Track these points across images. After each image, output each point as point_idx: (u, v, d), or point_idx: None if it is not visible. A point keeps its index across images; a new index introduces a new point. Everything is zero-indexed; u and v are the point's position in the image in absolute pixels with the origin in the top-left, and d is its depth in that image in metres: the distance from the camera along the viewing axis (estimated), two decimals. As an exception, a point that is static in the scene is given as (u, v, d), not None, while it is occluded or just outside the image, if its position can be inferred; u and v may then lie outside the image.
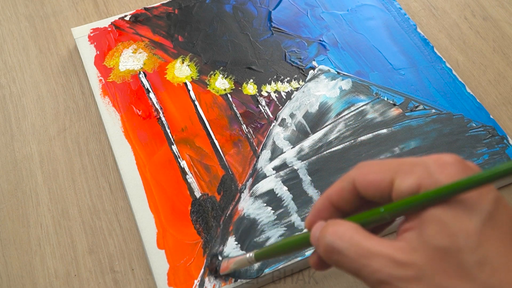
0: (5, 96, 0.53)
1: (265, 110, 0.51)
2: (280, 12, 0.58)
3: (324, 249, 0.28)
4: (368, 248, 0.26)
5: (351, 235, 0.27)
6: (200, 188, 0.46)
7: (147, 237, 0.43)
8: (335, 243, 0.27)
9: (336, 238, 0.27)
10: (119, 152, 0.47)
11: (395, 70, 0.53)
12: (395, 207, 0.27)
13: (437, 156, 0.27)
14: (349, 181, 0.29)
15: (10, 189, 0.47)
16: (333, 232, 0.28)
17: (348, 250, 0.27)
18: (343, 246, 0.27)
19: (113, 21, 0.56)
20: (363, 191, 0.28)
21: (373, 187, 0.28)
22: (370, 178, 0.28)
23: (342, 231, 0.28)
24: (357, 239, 0.27)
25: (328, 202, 0.30)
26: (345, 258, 0.27)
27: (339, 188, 0.30)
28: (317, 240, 0.29)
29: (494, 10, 0.60)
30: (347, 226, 0.28)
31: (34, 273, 0.43)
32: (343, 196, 0.29)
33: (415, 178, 0.26)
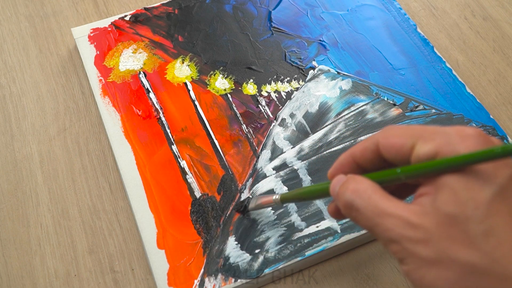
0: (5, 96, 0.53)
1: (265, 110, 0.51)
2: (280, 12, 0.58)
3: (343, 205, 0.30)
4: (383, 208, 0.28)
5: (370, 195, 0.28)
6: (200, 188, 0.46)
7: (147, 237, 0.43)
8: (355, 201, 0.29)
9: (356, 196, 0.29)
10: (119, 152, 0.47)
11: (395, 70, 0.53)
12: (411, 169, 0.28)
13: (460, 128, 0.28)
14: (373, 142, 0.30)
15: (10, 189, 0.47)
16: (353, 189, 0.29)
17: (365, 208, 0.28)
18: (361, 204, 0.28)
19: (113, 21, 0.56)
20: (385, 153, 0.30)
21: (394, 150, 0.29)
22: (393, 141, 0.29)
23: (362, 189, 0.29)
24: (374, 199, 0.28)
25: (351, 158, 0.32)
26: (362, 215, 0.28)
27: (363, 147, 0.31)
28: (337, 195, 0.30)
29: (494, 10, 0.60)
30: (366, 185, 0.29)
31: (34, 273, 0.43)
32: (366, 155, 0.31)
33: (435, 145, 0.27)
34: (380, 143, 0.30)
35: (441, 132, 0.28)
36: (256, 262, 0.42)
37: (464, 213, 0.25)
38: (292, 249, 0.42)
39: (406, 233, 0.27)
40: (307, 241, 0.43)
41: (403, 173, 0.29)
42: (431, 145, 0.27)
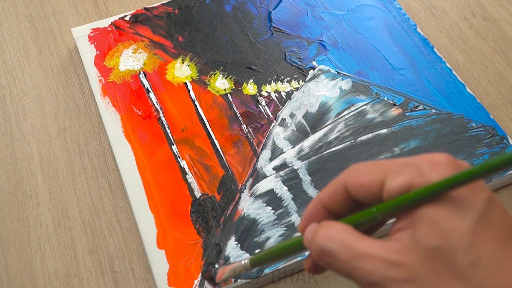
0: (5, 96, 0.53)
1: (265, 110, 0.51)
2: (280, 12, 0.58)
3: (316, 252, 0.28)
4: (360, 250, 0.26)
5: (343, 237, 0.27)
6: (200, 188, 0.46)
7: (147, 237, 0.43)
8: (327, 246, 0.27)
9: (328, 240, 0.27)
10: (119, 152, 0.47)
11: (395, 70, 0.53)
12: (386, 206, 0.27)
13: (428, 156, 0.27)
14: (341, 184, 0.29)
15: (10, 189, 0.47)
16: (324, 234, 0.28)
17: (339, 252, 0.27)
18: (335, 248, 0.27)
19: (113, 21, 0.56)
20: (354, 193, 0.28)
21: (364, 189, 0.28)
22: (360, 180, 0.28)
23: (333, 233, 0.27)
24: (348, 241, 0.27)
25: (320, 206, 0.30)
26: (337, 261, 0.27)
27: (331, 191, 0.29)
28: (310, 243, 0.29)
29: (494, 10, 0.60)
30: (338, 228, 0.28)
31: (34, 273, 0.43)
32: (335, 199, 0.29)
33: (406, 178, 0.26)
34: (347, 183, 0.28)
35: (410, 164, 0.27)
36: (256, 262, 0.42)
37: (448, 245, 0.24)
38: (292, 249, 0.42)
39: (389, 274, 0.25)
40: (307, 241, 0.43)
41: (379, 212, 0.27)
42: (402, 178, 0.26)
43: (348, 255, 0.26)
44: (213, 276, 0.41)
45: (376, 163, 0.28)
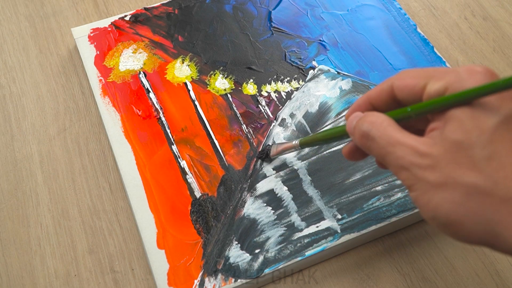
0: (5, 96, 0.53)
1: (265, 110, 0.51)
2: (280, 12, 0.58)
3: (360, 135, 0.32)
4: (396, 138, 0.30)
5: (385, 126, 0.31)
6: (200, 188, 0.46)
7: (147, 237, 0.43)
8: (371, 131, 0.31)
9: (373, 126, 0.31)
10: (119, 152, 0.47)
11: (395, 70, 0.53)
12: (420, 106, 0.30)
13: (469, 66, 0.30)
14: (389, 84, 0.32)
15: (10, 189, 0.47)
16: (370, 121, 0.31)
17: (380, 138, 0.30)
18: (376, 134, 0.31)
19: (113, 21, 0.56)
20: (399, 94, 0.32)
21: (407, 90, 0.31)
22: (406, 82, 0.31)
23: (379, 122, 0.31)
24: (389, 130, 0.30)
25: (367, 100, 0.34)
26: (376, 144, 0.31)
27: (379, 89, 0.33)
28: (354, 128, 0.33)
29: (494, 10, 0.60)
30: (383, 118, 0.31)
31: (34, 273, 0.43)
32: (381, 97, 0.33)
33: (444, 82, 0.29)
34: (394, 84, 0.32)
35: (451, 71, 0.30)
36: (256, 262, 0.42)
37: (469, 139, 0.27)
38: (292, 249, 0.42)
39: (415, 160, 0.28)
40: (307, 241, 0.43)
41: (413, 110, 0.30)
42: (441, 83, 0.29)
43: (386, 141, 0.30)
44: (268, 152, 0.46)
45: (424, 69, 0.32)
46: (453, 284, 0.42)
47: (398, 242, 0.45)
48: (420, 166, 0.28)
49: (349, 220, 0.44)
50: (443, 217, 0.28)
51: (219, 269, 0.41)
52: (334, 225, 0.43)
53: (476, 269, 0.43)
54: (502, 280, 0.42)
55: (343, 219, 0.44)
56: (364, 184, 0.46)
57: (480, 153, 0.27)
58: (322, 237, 0.43)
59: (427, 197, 0.28)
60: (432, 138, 0.29)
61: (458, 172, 0.27)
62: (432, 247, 0.44)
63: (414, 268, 0.43)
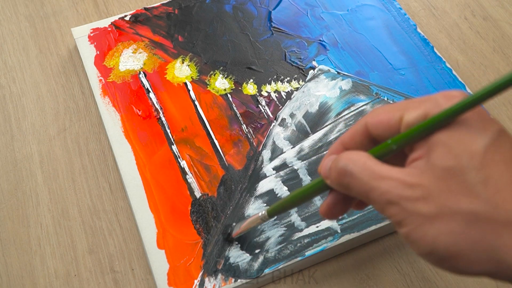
0: (5, 96, 0.53)
1: (265, 110, 0.51)
2: (280, 12, 0.58)
3: (337, 173, 0.30)
4: (379, 172, 0.28)
5: (364, 161, 0.29)
6: (200, 188, 0.46)
7: (147, 237, 0.43)
8: (348, 167, 0.29)
9: (350, 162, 0.29)
10: (119, 152, 0.47)
11: (395, 70, 0.53)
12: (401, 137, 0.28)
13: (445, 91, 0.29)
14: (362, 124, 0.31)
15: (10, 189, 0.47)
16: (347, 157, 0.29)
17: (360, 173, 0.28)
18: (356, 169, 0.28)
19: (113, 21, 0.56)
20: (374, 131, 0.30)
21: (383, 126, 0.29)
22: (380, 117, 0.30)
23: (355, 157, 0.29)
24: (369, 164, 0.28)
25: (341, 146, 0.32)
26: (356, 181, 0.28)
27: (352, 131, 0.31)
28: (329, 170, 0.30)
29: (494, 10, 0.60)
30: (360, 154, 0.29)
31: (34, 273, 0.43)
32: (356, 139, 0.31)
33: (423, 110, 0.28)
34: (368, 122, 0.30)
35: (427, 99, 0.28)
36: (256, 262, 0.42)
37: (460, 164, 0.26)
38: (292, 249, 0.42)
39: (404, 193, 0.27)
40: (307, 241, 0.43)
41: (394, 142, 0.29)
42: (419, 111, 0.28)
43: (367, 175, 0.28)
44: (230, 233, 0.42)
45: (395, 103, 0.30)
46: (453, 284, 0.42)
47: (398, 242, 0.45)
48: (410, 198, 0.26)
49: (349, 220, 0.44)
50: (442, 251, 0.26)
51: (219, 269, 0.42)
52: (334, 225, 0.43)
53: (476, 269, 0.43)
54: (502, 280, 0.42)
55: (343, 219, 0.44)
56: (364, 184, 0.45)
57: (474, 177, 0.25)
58: (322, 237, 0.43)
59: (422, 231, 0.26)
60: (418, 168, 0.27)
61: (453, 200, 0.26)
62: (432, 247, 0.44)
63: (414, 268, 0.43)
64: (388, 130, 0.29)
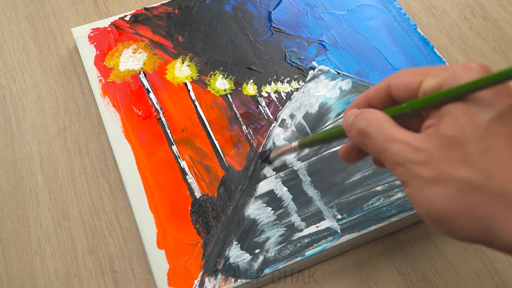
0: (5, 96, 0.53)
1: (265, 111, 0.51)
2: (280, 12, 0.58)
3: (356, 132, 0.32)
4: (392, 135, 0.30)
5: (382, 123, 0.31)
6: (200, 188, 0.46)
7: (147, 237, 0.43)
8: (367, 128, 0.31)
9: (369, 123, 0.31)
10: (119, 152, 0.47)
11: (395, 70, 0.53)
12: (414, 103, 0.30)
13: (465, 63, 0.30)
14: (386, 82, 0.33)
15: (10, 189, 0.47)
16: (367, 118, 0.32)
17: (376, 135, 0.31)
18: (373, 131, 0.31)
19: (113, 21, 0.56)
20: (395, 92, 0.32)
21: (404, 88, 0.31)
22: (403, 80, 0.31)
23: (375, 119, 0.31)
24: (385, 127, 0.30)
25: (365, 99, 0.34)
26: (372, 141, 0.31)
27: (377, 88, 0.33)
28: (351, 125, 0.33)
29: (494, 10, 0.60)
30: (379, 115, 0.31)
31: (34, 273, 0.43)
32: (378, 95, 0.33)
33: (440, 79, 0.29)
34: (391, 82, 0.32)
35: (447, 68, 0.30)
36: (256, 262, 0.42)
37: (463, 134, 0.27)
38: (292, 249, 0.42)
39: (410, 156, 0.29)
40: (307, 241, 0.43)
41: (408, 107, 0.31)
42: (437, 80, 0.29)
43: (382, 137, 0.30)
44: (268, 154, 0.46)
45: (420, 68, 0.32)
46: (453, 284, 0.42)
47: (398, 242, 0.45)
48: (414, 161, 0.28)
49: (349, 220, 0.44)
50: (436, 213, 0.28)
51: (219, 269, 0.42)
52: (334, 225, 0.43)
53: (476, 269, 0.43)
54: (502, 280, 0.42)
55: (343, 219, 0.44)
56: (364, 184, 0.46)
57: (474, 148, 0.27)
58: (322, 237, 0.43)
59: (421, 193, 0.28)
60: (427, 134, 0.29)
61: (451, 167, 0.27)
62: (432, 247, 0.44)
63: (414, 268, 0.43)
64: (408, 92, 0.31)
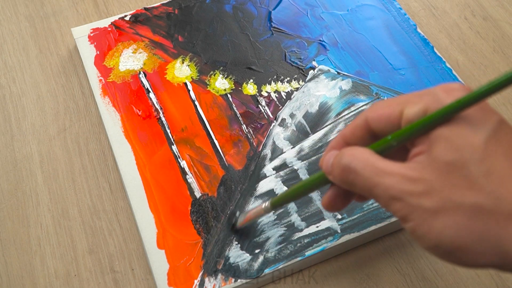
0: (5, 96, 0.53)
1: (265, 110, 0.51)
2: (280, 12, 0.58)
3: (340, 170, 0.30)
4: (381, 168, 0.28)
5: (367, 157, 0.29)
6: (200, 188, 0.46)
7: (147, 237, 0.43)
8: (352, 163, 0.29)
9: (353, 159, 0.29)
10: (119, 152, 0.47)
11: (395, 70, 0.53)
12: (401, 133, 0.28)
13: (444, 84, 0.29)
14: (362, 118, 0.31)
15: (10, 189, 0.47)
16: (350, 154, 0.29)
17: (363, 169, 0.28)
18: (359, 166, 0.28)
19: (113, 21, 0.56)
20: (375, 126, 0.30)
21: (383, 120, 0.29)
22: (380, 112, 0.30)
23: (358, 153, 0.29)
24: (372, 160, 0.28)
25: (342, 140, 0.32)
26: (360, 177, 0.28)
27: (353, 125, 0.31)
28: (332, 166, 0.30)
29: (494, 10, 0.60)
30: (362, 150, 0.29)
31: (34, 273, 0.43)
32: (356, 134, 0.31)
33: (423, 105, 0.28)
34: (368, 117, 0.30)
35: (426, 93, 0.28)
36: (256, 262, 0.42)
37: (462, 158, 0.26)
38: (292, 249, 0.42)
39: (408, 188, 0.27)
40: (307, 241, 0.43)
41: (394, 138, 0.29)
42: (419, 105, 0.28)
43: (370, 172, 0.28)
44: (234, 224, 0.43)
45: (396, 97, 0.30)
46: (453, 284, 0.42)
47: (398, 242, 0.45)
48: (413, 193, 0.26)
49: (349, 220, 0.44)
50: (447, 244, 0.26)
51: (219, 269, 0.42)
52: (334, 225, 0.43)
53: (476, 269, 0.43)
54: (502, 280, 0.42)
55: (343, 219, 0.44)
56: (364, 184, 0.45)
57: (477, 170, 0.26)
58: (322, 237, 0.43)
59: (426, 226, 0.26)
60: (419, 163, 0.27)
61: (456, 194, 0.26)
62: (432, 247, 0.44)
63: (414, 268, 0.43)
64: (388, 125, 0.29)
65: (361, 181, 0.28)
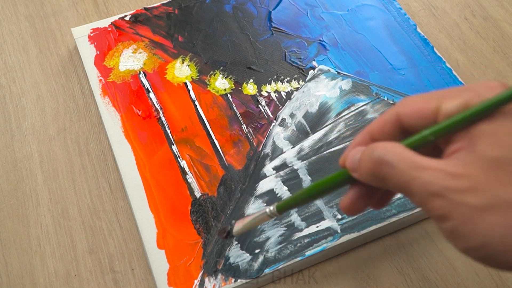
0: (5, 96, 0.53)
1: (265, 110, 0.51)
2: (280, 12, 0.58)
3: (373, 163, 0.27)
4: (419, 162, 0.26)
5: (402, 151, 0.27)
6: (200, 188, 0.46)
7: (147, 237, 0.43)
8: (386, 156, 0.27)
9: (387, 152, 0.27)
10: (119, 152, 0.47)
11: (395, 70, 0.53)
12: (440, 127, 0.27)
13: (484, 82, 0.27)
14: (392, 113, 0.29)
15: (10, 189, 0.47)
16: (383, 147, 0.27)
17: (399, 162, 0.26)
18: (394, 158, 0.27)
19: (113, 21, 0.56)
20: (406, 120, 0.28)
21: (417, 115, 0.28)
22: (414, 106, 0.28)
23: (392, 147, 0.27)
24: (407, 154, 0.26)
25: (368, 136, 0.30)
26: (395, 171, 0.26)
27: (382, 121, 0.29)
28: (359, 161, 0.28)
29: (494, 10, 0.60)
30: (395, 144, 0.27)
31: (34, 273, 0.43)
32: (385, 130, 0.29)
33: (463, 99, 0.26)
34: (400, 111, 0.29)
35: (466, 89, 0.27)
36: (256, 262, 0.42)
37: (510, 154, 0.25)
38: (292, 249, 0.42)
39: (450, 184, 0.25)
40: (307, 241, 0.43)
41: (432, 133, 0.27)
42: (459, 100, 0.27)
43: (408, 165, 0.26)
44: (229, 231, 0.36)
45: (429, 92, 0.29)
46: (453, 284, 0.42)
47: (398, 242, 0.45)
48: (457, 190, 0.25)
49: (349, 220, 0.44)
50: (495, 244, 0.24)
51: (219, 269, 0.42)
52: (334, 225, 0.43)
53: (476, 269, 0.43)
54: (502, 280, 0.42)
55: (343, 219, 0.44)
56: (364, 184, 0.45)
57: None
58: (322, 237, 0.43)
59: (471, 224, 0.24)
60: (460, 159, 0.25)
61: (505, 191, 0.24)
62: (432, 247, 0.44)
63: (414, 268, 0.43)
64: (422, 120, 0.28)
65: (396, 175, 0.26)
